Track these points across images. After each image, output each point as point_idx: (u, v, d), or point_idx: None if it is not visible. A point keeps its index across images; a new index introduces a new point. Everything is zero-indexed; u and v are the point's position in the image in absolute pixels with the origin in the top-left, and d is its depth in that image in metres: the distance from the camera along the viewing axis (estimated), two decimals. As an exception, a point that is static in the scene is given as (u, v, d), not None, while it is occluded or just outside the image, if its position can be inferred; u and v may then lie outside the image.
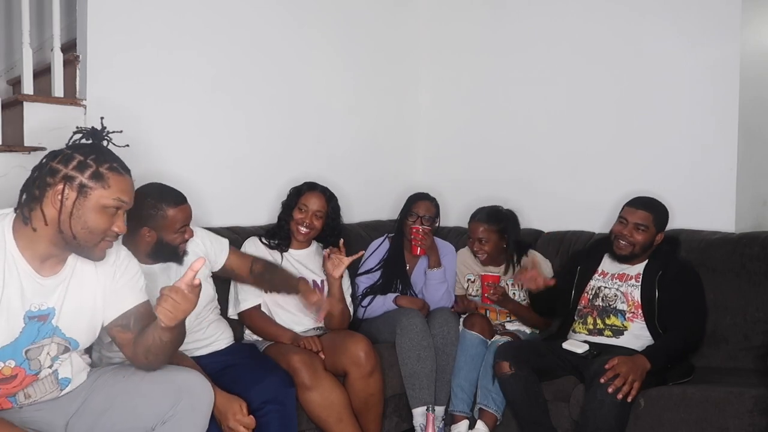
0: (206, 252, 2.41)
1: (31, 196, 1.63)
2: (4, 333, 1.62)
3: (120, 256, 1.84)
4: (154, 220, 2.17)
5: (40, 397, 1.78)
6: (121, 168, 1.68)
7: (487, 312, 3.00)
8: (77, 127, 1.77)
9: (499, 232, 2.97)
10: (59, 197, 1.60)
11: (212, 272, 2.46)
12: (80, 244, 1.64)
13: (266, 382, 2.21)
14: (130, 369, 1.89)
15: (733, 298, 2.68)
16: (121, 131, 1.81)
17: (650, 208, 2.63)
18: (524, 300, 2.95)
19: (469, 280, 3.06)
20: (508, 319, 2.99)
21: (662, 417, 2.25)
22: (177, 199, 2.24)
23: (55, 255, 1.68)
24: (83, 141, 1.73)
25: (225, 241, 2.51)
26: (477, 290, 2.97)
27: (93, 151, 1.66)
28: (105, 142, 1.74)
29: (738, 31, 2.90)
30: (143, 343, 1.78)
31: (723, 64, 2.93)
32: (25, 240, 1.64)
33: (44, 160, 1.67)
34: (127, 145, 1.82)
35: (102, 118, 1.82)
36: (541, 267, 2.82)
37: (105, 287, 1.78)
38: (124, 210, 1.70)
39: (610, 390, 2.25)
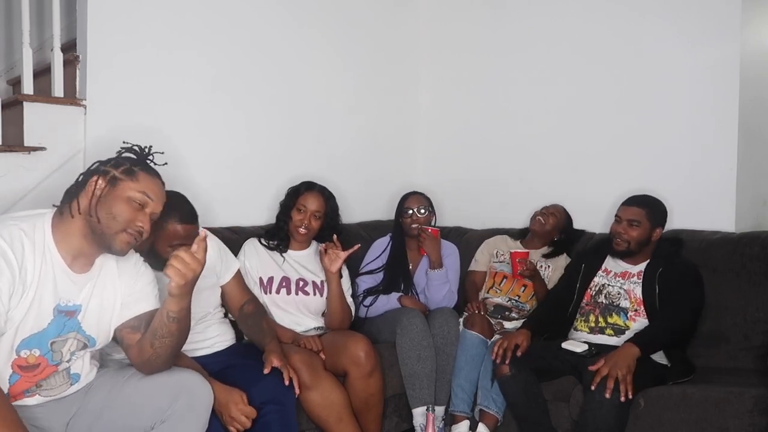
0: (212, 263, 2.40)
1: (70, 192, 1.80)
2: (33, 322, 1.71)
3: (139, 262, 1.96)
4: (155, 224, 2.17)
5: (51, 388, 1.82)
6: (154, 172, 1.86)
7: (503, 280, 3.07)
8: (124, 142, 1.92)
9: (565, 223, 3.15)
10: (92, 187, 1.78)
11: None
12: (103, 230, 1.76)
13: (266, 382, 2.20)
14: (130, 369, 1.92)
15: (733, 298, 2.68)
16: (162, 152, 1.94)
17: (642, 204, 2.67)
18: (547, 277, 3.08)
19: (499, 253, 3.18)
20: (517, 297, 3.02)
21: (662, 417, 2.25)
22: (186, 217, 2.22)
23: (85, 252, 1.80)
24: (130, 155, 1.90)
25: (235, 265, 2.51)
26: (508, 259, 3.08)
27: (135, 160, 1.86)
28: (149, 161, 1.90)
29: (738, 31, 2.90)
30: (150, 329, 1.84)
31: (723, 64, 2.93)
32: (60, 235, 1.76)
33: (95, 166, 1.85)
34: (166, 164, 1.94)
35: (144, 146, 1.94)
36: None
37: (124, 290, 1.89)
38: (152, 210, 1.83)
39: (607, 395, 2.25)
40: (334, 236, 2.72)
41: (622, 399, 2.24)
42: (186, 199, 2.28)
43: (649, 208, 2.66)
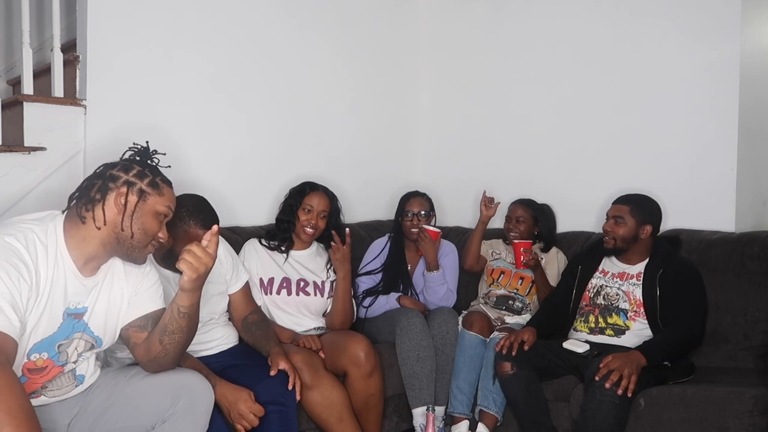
0: (224, 271, 2.42)
1: (88, 199, 1.76)
2: (45, 327, 1.71)
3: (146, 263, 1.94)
4: (176, 227, 2.18)
5: (57, 389, 1.82)
6: (169, 181, 1.87)
7: (501, 275, 3.08)
8: (134, 143, 1.91)
9: (534, 217, 3.10)
10: (122, 200, 1.76)
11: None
12: (134, 244, 1.79)
13: (268, 383, 2.21)
14: (133, 369, 1.93)
15: (733, 298, 2.68)
16: (164, 153, 1.93)
17: (626, 201, 2.68)
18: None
19: (495, 253, 3.19)
20: (515, 290, 3.03)
21: (662, 417, 2.25)
22: (208, 222, 2.20)
23: (98, 257, 1.79)
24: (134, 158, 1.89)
25: (244, 277, 2.51)
26: (504, 257, 3.14)
27: (146, 164, 1.85)
28: (153, 161, 1.89)
29: (738, 31, 2.90)
30: (159, 325, 1.84)
31: (723, 64, 2.93)
32: (75, 240, 1.75)
33: (101, 169, 1.83)
34: (169, 166, 1.93)
35: (147, 141, 1.93)
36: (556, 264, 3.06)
37: (131, 290, 1.89)
38: (168, 219, 1.87)
39: (607, 385, 2.26)
40: (347, 231, 2.72)
41: (620, 392, 2.24)
42: (208, 203, 2.30)
43: (634, 204, 2.66)
